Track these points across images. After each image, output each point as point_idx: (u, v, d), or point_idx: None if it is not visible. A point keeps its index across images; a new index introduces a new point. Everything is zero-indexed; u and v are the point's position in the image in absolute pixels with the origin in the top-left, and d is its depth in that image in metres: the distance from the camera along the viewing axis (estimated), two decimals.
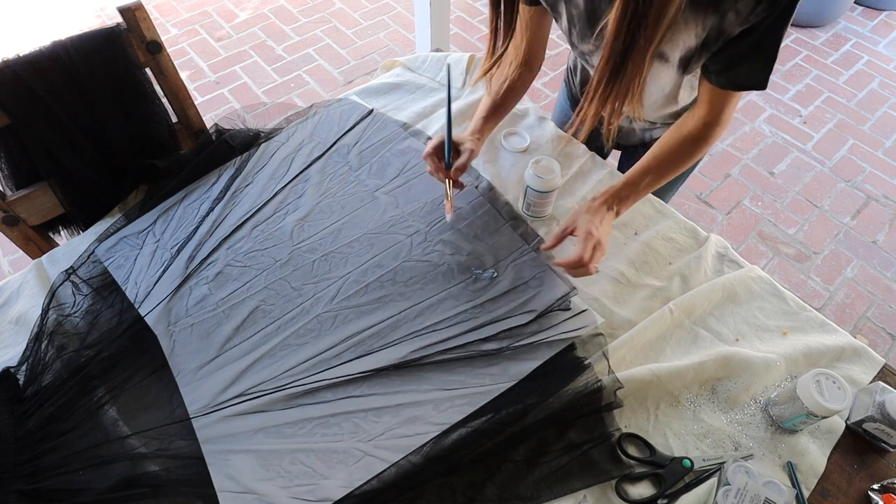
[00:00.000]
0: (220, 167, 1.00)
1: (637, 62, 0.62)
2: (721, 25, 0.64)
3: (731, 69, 0.70)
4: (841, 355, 0.78)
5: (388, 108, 1.12)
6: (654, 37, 0.59)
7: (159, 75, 0.98)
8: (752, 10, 0.61)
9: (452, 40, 2.65)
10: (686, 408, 0.73)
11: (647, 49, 0.60)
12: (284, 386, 0.74)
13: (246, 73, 2.51)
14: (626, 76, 0.63)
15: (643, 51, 0.60)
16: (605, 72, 0.64)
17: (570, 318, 0.79)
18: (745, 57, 0.67)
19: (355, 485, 0.66)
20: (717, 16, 0.63)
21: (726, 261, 0.89)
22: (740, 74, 0.70)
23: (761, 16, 0.61)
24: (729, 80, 0.71)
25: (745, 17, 0.62)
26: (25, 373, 0.76)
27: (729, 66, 0.70)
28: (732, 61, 0.69)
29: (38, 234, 0.97)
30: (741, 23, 0.63)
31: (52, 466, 0.68)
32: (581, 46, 0.81)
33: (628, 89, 0.65)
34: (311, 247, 0.89)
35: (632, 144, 1.05)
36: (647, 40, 0.59)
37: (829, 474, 0.69)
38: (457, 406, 0.71)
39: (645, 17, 0.57)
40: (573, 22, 0.77)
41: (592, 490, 0.67)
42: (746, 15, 0.62)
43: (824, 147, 2.23)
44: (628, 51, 0.60)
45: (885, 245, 1.92)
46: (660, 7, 0.56)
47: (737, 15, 0.62)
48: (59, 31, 2.59)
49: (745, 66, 0.68)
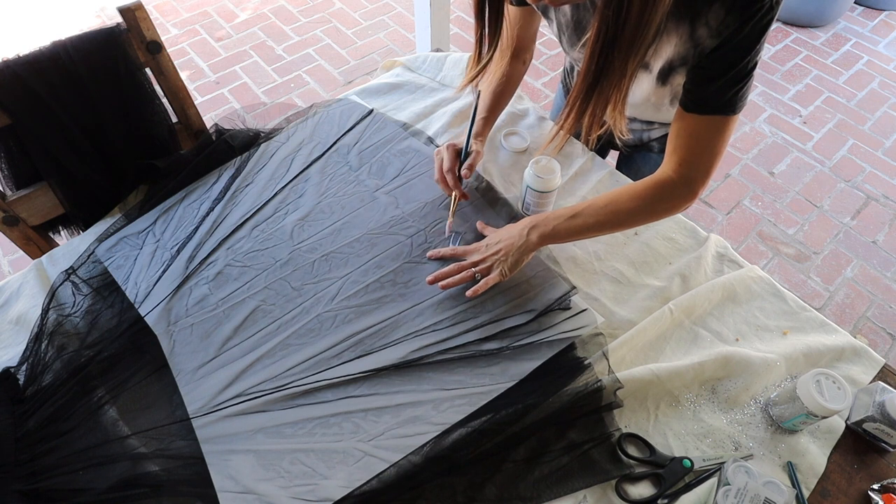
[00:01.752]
0: (220, 167, 1.00)
1: (613, 80, 0.60)
2: (694, 37, 0.63)
3: (698, 87, 0.67)
4: (841, 355, 0.78)
5: (388, 108, 1.12)
6: (629, 57, 0.58)
7: (159, 75, 0.98)
8: (721, 20, 0.60)
9: (452, 40, 2.65)
10: (686, 408, 0.73)
11: (625, 69, 0.59)
12: (284, 386, 0.74)
13: (246, 73, 2.51)
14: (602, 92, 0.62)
15: (620, 70, 0.59)
16: (583, 88, 0.62)
17: (570, 318, 0.79)
18: (713, 76, 0.65)
19: (355, 485, 0.66)
20: (691, 28, 0.63)
21: (726, 261, 0.89)
22: (706, 95, 0.66)
23: (731, 27, 0.60)
24: (695, 100, 0.68)
25: (716, 28, 0.61)
26: (25, 373, 0.75)
27: (696, 84, 0.67)
28: (701, 79, 0.66)
29: (38, 234, 0.97)
30: (712, 35, 0.62)
31: (52, 466, 0.68)
32: (571, 53, 0.81)
33: (606, 103, 0.63)
34: (312, 247, 0.89)
35: (628, 145, 1.05)
36: (623, 62, 0.58)
37: (829, 474, 0.69)
38: (457, 406, 0.71)
39: (620, 40, 0.56)
40: (562, 29, 0.77)
41: (592, 490, 0.67)
42: (716, 26, 0.61)
43: (824, 147, 2.23)
44: (603, 71, 0.59)
45: (885, 245, 1.92)
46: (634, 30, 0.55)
47: (708, 28, 0.61)
48: (59, 31, 2.59)
49: (713, 85, 0.65)
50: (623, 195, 0.75)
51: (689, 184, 0.71)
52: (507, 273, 0.79)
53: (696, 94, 0.68)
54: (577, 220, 0.76)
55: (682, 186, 0.72)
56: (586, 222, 0.76)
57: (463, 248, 0.84)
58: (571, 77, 1.05)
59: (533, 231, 0.78)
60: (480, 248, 0.82)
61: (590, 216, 0.76)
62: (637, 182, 0.76)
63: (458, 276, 0.80)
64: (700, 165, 0.70)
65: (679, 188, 0.72)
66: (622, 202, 0.75)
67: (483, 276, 0.80)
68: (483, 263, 0.80)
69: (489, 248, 0.81)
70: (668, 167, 0.73)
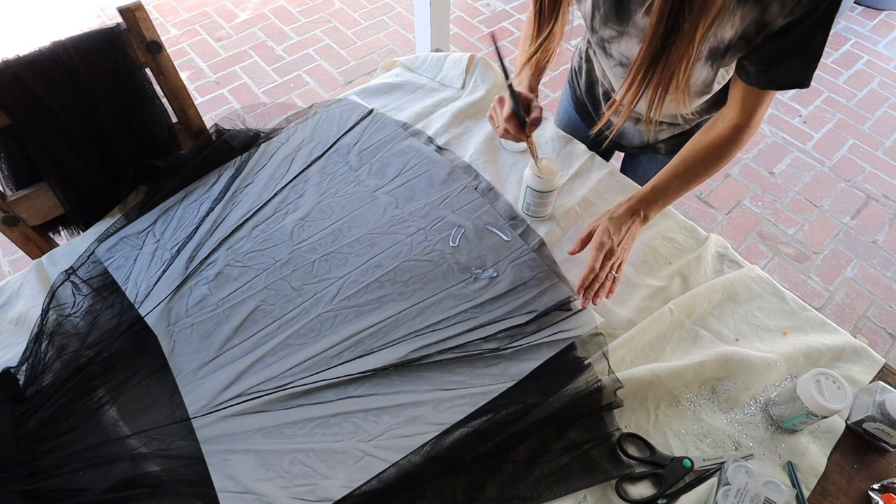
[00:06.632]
0: (220, 167, 1.00)
1: (681, 47, 0.58)
2: (763, 18, 0.61)
3: (773, 67, 0.66)
4: (841, 355, 0.78)
5: (388, 108, 1.12)
6: (699, 21, 0.56)
7: (159, 75, 0.98)
8: (797, 1, 0.58)
9: (452, 40, 2.65)
10: (686, 408, 0.73)
11: (694, 34, 0.57)
12: (284, 386, 0.74)
13: (246, 73, 2.51)
14: (669, 62, 0.60)
15: (689, 36, 0.57)
16: (647, 56, 0.60)
17: (570, 318, 0.79)
18: (787, 54, 0.64)
19: (355, 485, 0.66)
20: (759, 7, 0.60)
21: (726, 260, 0.89)
22: (782, 73, 0.66)
23: (807, 7, 0.58)
24: (770, 79, 0.67)
25: (791, 8, 0.59)
26: (25, 373, 0.76)
27: (770, 64, 0.66)
28: (774, 59, 0.65)
29: (38, 234, 0.97)
30: (785, 15, 0.60)
31: (53, 466, 0.68)
32: (602, 32, 0.77)
33: (672, 76, 0.61)
34: (311, 247, 0.89)
35: (634, 146, 1.04)
36: (693, 25, 0.56)
37: (829, 474, 0.69)
38: (457, 406, 0.71)
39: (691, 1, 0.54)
40: (598, 5, 0.73)
41: (592, 490, 0.67)
42: (792, 6, 0.59)
43: (824, 147, 2.23)
44: (671, 35, 0.57)
45: (885, 245, 1.92)
46: None
47: (781, 6, 0.59)
48: (59, 31, 2.59)
49: (787, 64, 0.65)
50: (708, 147, 0.77)
51: (753, 128, 0.75)
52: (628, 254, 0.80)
53: (772, 73, 0.67)
54: (678, 186, 0.79)
55: (750, 130, 0.76)
56: (687, 186, 0.79)
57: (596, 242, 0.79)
58: (580, 77, 1.02)
59: (649, 210, 0.79)
60: (606, 243, 0.77)
61: (686, 178, 0.79)
62: (710, 134, 0.78)
63: (607, 285, 0.78)
64: (760, 116, 0.75)
65: (748, 132, 0.76)
66: (708, 155, 0.78)
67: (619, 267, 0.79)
68: (617, 259, 0.78)
69: (614, 239, 0.77)
70: (737, 117, 0.74)
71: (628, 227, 0.78)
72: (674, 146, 0.97)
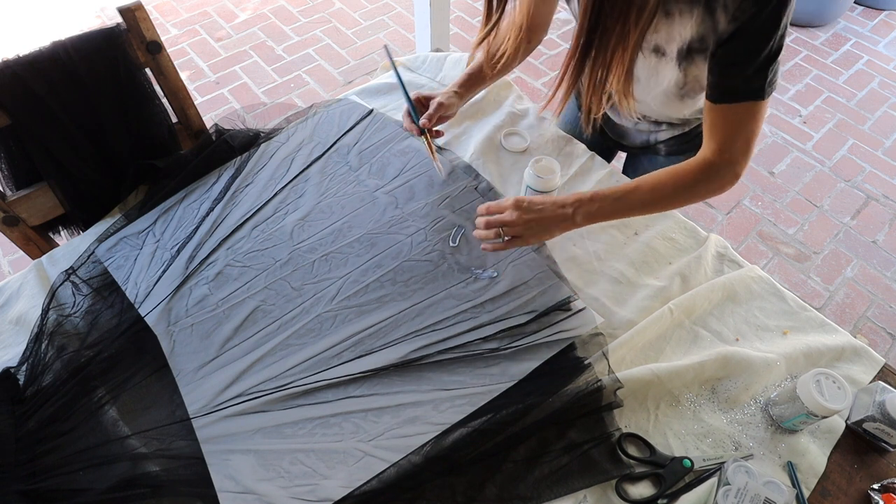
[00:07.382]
0: (220, 167, 1.00)
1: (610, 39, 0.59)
2: (713, 23, 0.63)
3: (725, 77, 0.67)
4: (841, 355, 0.78)
5: (388, 108, 1.12)
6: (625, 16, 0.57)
7: (159, 75, 0.98)
8: (738, 5, 0.59)
9: (452, 40, 2.65)
10: (686, 408, 0.73)
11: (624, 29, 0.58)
12: (284, 386, 0.74)
13: (246, 74, 2.51)
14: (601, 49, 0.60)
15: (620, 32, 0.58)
16: (576, 44, 0.61)
17: (570, 318, 0.79)
18: (737, 63, 0.64)
19: (355, 485, 0.66)
20: (708, 11, 0.62)
21: (726, 260, 0.89)
22: (734, 82, 0.66)
23: (749, 12, 0.59)
24: (722, 90, 0.67)
25: (733, 13, 0.60)
26: (25, 373, 0.75)
27: (722, 74, 0.67)
28: (725, 67, 0.66)
29: (38, 234, 0.97)
30: (729, 21, 0.61)
31: (53, 466, 0.68)
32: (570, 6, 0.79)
33: (606, 65, 0.62)
34: (311, 247, 0.89)
35: (636, 146, 1.04)
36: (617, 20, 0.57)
37: (829, 474, 0.69)
38: (457, 406, 0.71)
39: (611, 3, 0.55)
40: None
41: (592, 490, 0.67)
42: (733, 10, 0.60)
43: (824, 147, 2.23)
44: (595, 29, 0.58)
45: (885, 245, 1.92)
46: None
47: (725, 10, 0.61)
48: (59, 31, 2.59)
49: (737, 73, 0.65)
50: (668, 179, 0.75)
51: (731, 165, 0.72)
52: (533, 242, 0.78)
53: (723, 84, 0.67)
54: (623, 203, 0.75)
55: (724, 168, 0.72)
56: (631, 205, 0.76)
57: (497, 204, 0.79)
58: None
59: (579, 209, 0.75)
60: (516, 206, 0.77)
61: (635, 199, 0.75)
62: (680, 164, 0.75)
63: (484, 233, 0.78)
64: (738, 148, 0.70)
65: (722, 170, 0.72)
66: (668, 186, 0.74)
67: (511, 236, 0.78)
68: (514, 226, 0.77)
69: (526, 211, 0.76)
70: (709, 151, 0.72)
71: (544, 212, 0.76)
72: (674, 147, 0.98)
